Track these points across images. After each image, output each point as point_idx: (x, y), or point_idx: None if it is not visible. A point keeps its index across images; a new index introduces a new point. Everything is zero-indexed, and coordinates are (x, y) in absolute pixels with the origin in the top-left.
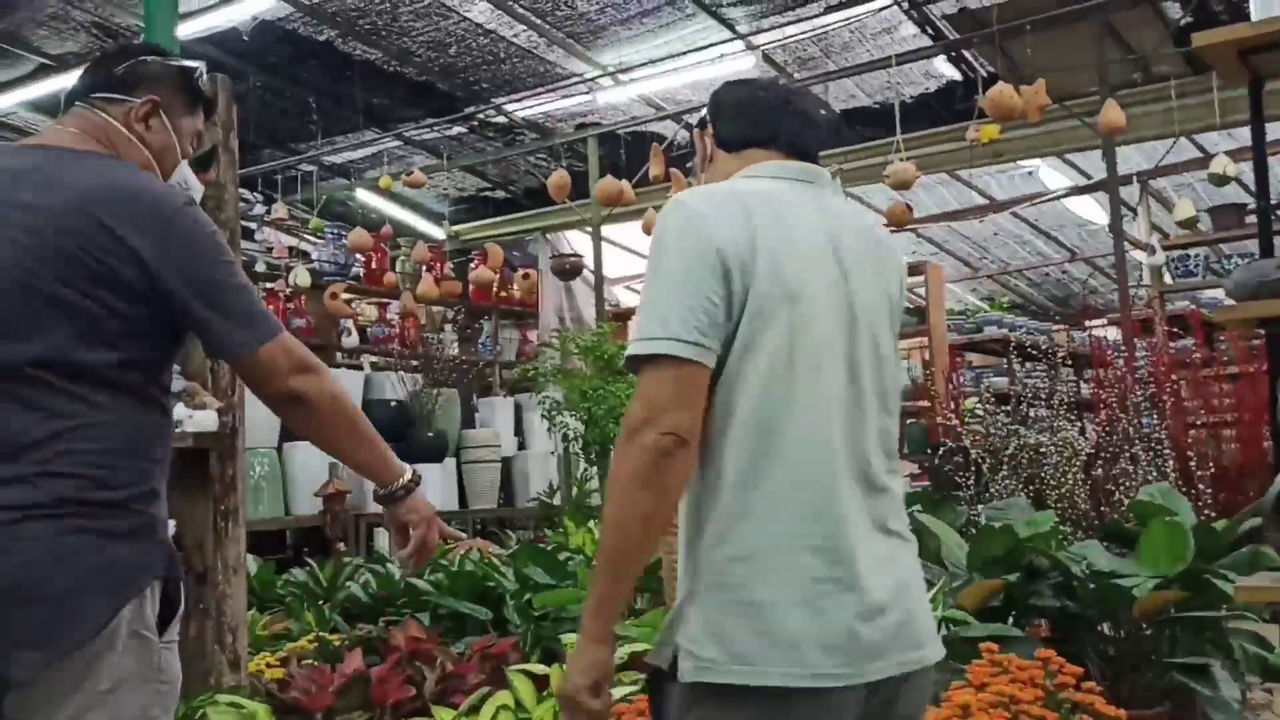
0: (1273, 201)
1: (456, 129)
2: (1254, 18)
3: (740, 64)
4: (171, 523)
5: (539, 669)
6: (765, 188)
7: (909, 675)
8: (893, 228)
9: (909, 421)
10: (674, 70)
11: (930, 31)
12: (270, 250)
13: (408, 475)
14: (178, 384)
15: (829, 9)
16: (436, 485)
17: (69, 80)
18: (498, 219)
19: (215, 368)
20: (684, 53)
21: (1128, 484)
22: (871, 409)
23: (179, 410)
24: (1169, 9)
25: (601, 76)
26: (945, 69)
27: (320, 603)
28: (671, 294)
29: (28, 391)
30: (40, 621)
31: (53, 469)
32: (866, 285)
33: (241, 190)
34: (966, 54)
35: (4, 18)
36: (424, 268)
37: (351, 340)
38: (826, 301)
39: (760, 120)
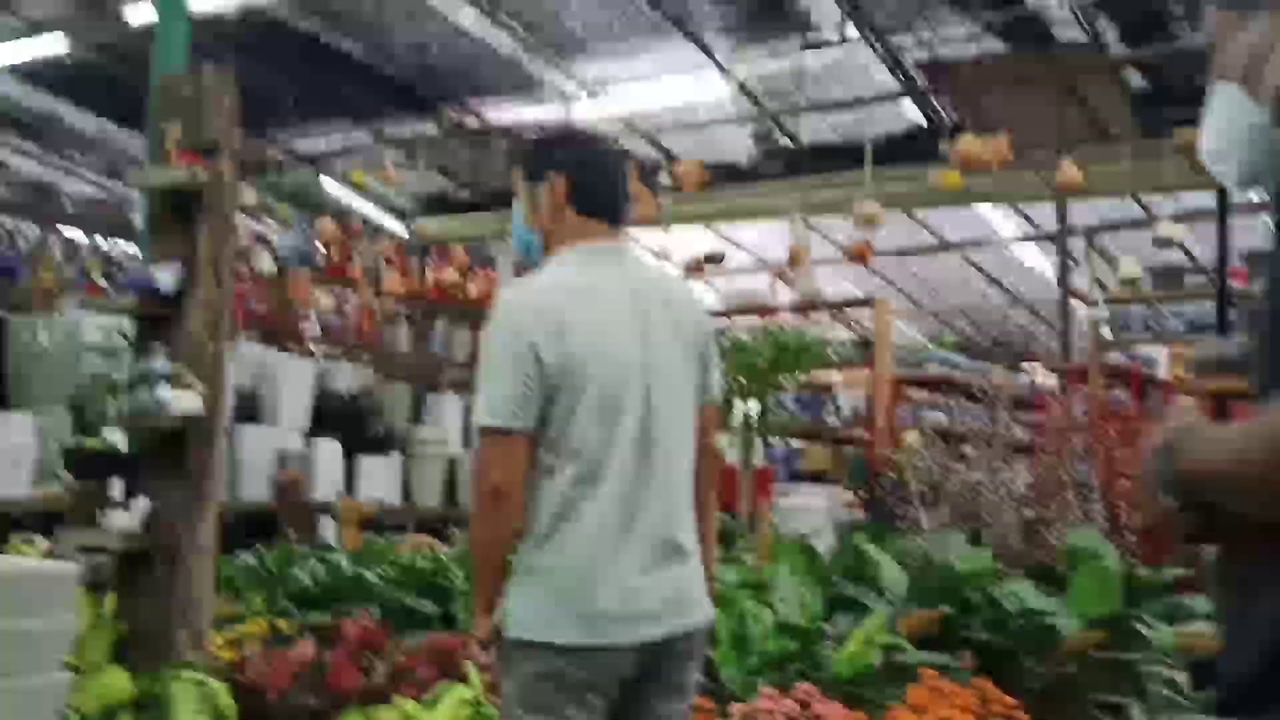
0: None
1: (428, 128)
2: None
3: (717, 90)
4: (145, 500)
5: None
6: (578, 279)
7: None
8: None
9: (846, 450)
10: (650, 91)
11: (901, 76)
12: None
13: None
14: (164, 366)
15: (807, 46)
16: (380, 478)
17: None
18: (461, 218)
19: (200, 351)
20: (659, 76)
21: (1059, 526)
22: (661, 438)
23: (163, 391)
24: (1129, 76)
25: (579, 91)
26: (912, 112)
27: (268, 589)
28: (497, 379)
29: None
30: None
31: None
32: (663, 338)
33: None
34: (933, 100)
35: None
36: (385, 262)
37: (315, 330)
38: (626, 361)
39: (606, 195)
